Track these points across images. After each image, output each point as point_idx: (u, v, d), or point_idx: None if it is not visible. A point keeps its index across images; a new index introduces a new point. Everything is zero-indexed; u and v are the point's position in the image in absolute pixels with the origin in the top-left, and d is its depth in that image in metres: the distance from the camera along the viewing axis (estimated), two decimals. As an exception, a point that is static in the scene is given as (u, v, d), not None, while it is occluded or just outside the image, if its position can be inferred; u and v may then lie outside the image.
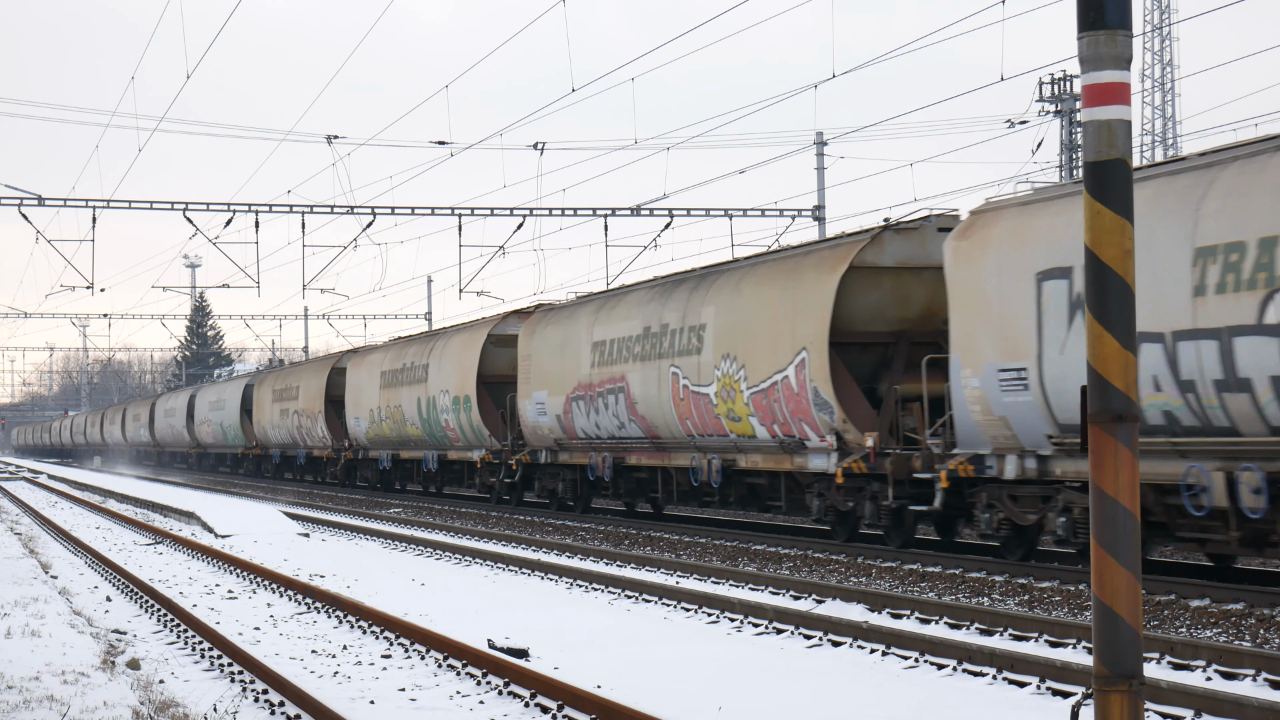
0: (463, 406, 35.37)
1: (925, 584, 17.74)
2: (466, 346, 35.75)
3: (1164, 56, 63.51)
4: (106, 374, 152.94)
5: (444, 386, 36.57)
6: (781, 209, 41.12)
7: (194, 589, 19.00)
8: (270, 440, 57.25)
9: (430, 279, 68.91)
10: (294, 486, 52.55)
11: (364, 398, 43.50)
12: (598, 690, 10.51)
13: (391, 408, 40.77)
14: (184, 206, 39.28)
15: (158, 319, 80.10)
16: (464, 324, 38.29)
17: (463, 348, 36.01)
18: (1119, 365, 6.32)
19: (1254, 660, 11.29)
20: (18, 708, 10.47)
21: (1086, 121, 6.46)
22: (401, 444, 40.99)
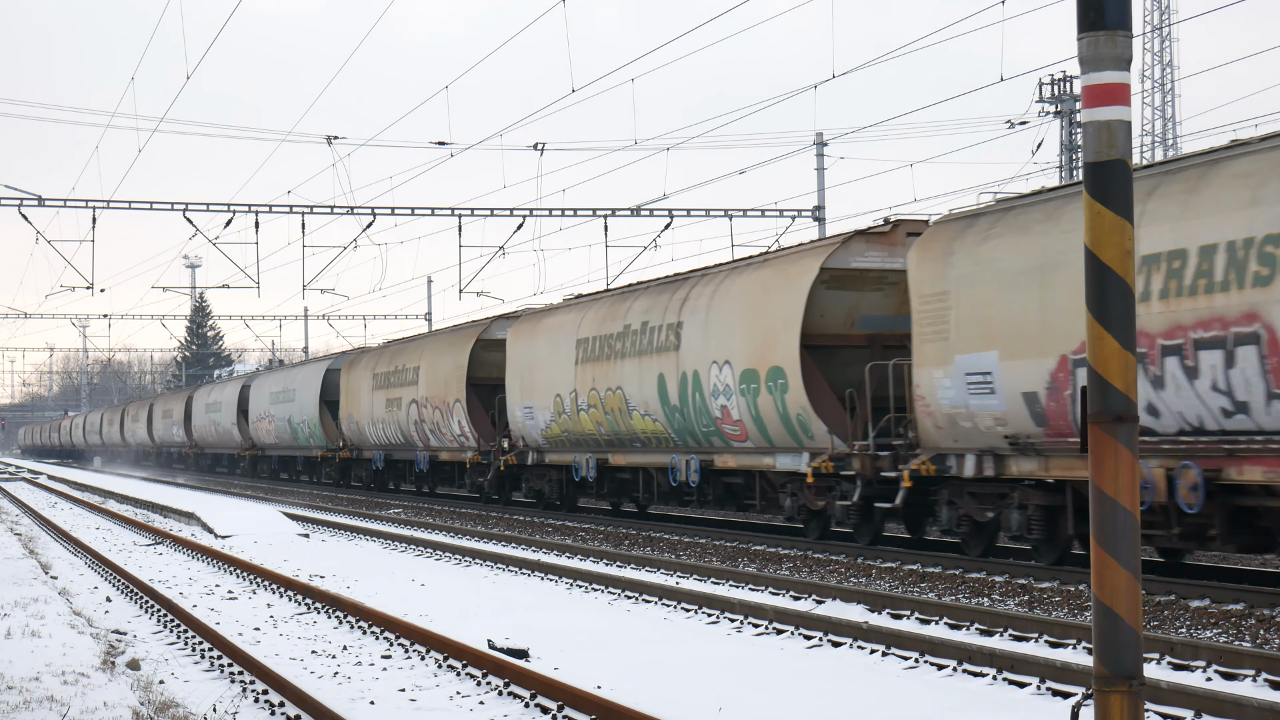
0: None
1: (925, 584, 17.74)
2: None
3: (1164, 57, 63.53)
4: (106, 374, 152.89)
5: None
6: (781, 209, 41.14)
7: (194, 589, 19.00)
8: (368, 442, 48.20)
9: (430, 279, 68.96)
10: (292, 487, 52.55)
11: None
12: (598, 691, 10.52)
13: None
14: (184, 207, 39.28)
15: (158, 319, 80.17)
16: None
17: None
18: (1119, 365, 6.32)
19: (1254, 660, 11.29)
20: (18, 708, 10.47)
21: (1086, 122, 6.46)
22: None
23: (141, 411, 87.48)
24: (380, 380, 42.91)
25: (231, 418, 61.24)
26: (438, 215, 40.16)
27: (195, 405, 69.90)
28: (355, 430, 44.78)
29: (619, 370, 27.00)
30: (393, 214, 39.70)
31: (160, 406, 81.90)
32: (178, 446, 76.86)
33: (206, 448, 69.34)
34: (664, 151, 38.50)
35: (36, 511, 37.93)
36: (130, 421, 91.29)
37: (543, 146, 38.21)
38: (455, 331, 38.63)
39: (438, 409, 37.38)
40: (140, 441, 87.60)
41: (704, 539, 24.59)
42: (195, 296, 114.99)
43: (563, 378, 29.22)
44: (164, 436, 79.30)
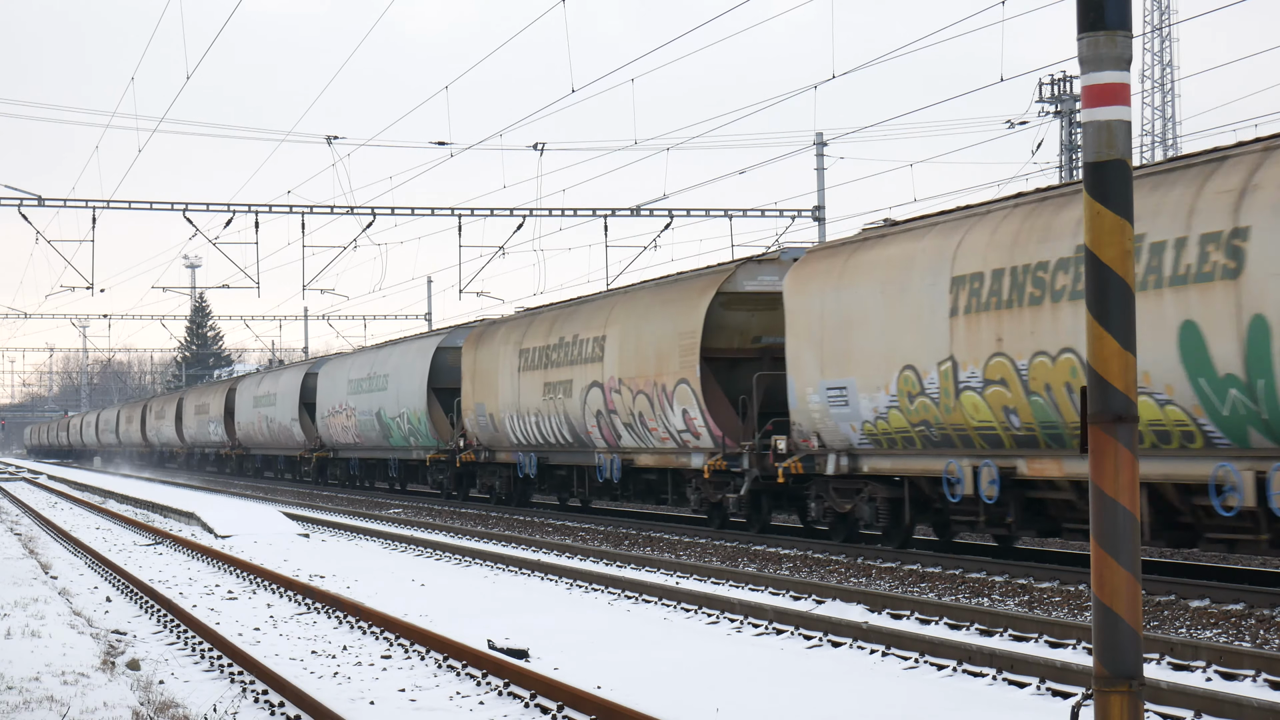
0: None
1: (925, 584, 17.74)
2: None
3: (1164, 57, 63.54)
4: (106, 374, 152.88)
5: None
6: (781, 209, 41.14)
7: (194, 589, 19.00)
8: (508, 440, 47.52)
9: (430, 279, 68.95)
10: (293, 487, 52.56)
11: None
12: (598, 691, 10.52)
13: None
14: (184, 207, 39.28)
15: (157, 319, 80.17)
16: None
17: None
18: (1119, 366, 6.32)
19: (1254, 661, 11.29)
20: (18, 708, 10.47)
21: (1086, 122, 6.46)
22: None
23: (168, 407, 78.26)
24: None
25: (292, 411, 51.92)
26: (438, 215, 40.17)
27: (239, 398, 60.64)
28: (487, 425, 36.73)
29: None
30: (393, 214, 39.71)
31: (192, 400, 72.12)
32: (216, 447, 67.12)
33: (254, 449, 60.03)
34: (664, 151, 38.53)
35: (36, 511, 37.93)
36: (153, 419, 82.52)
37: (543, 146, 38.22)
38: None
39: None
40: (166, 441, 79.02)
41: (704, 539, 24.61)
42: (195, 296, 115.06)
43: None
44: (197, 435, 70.66)
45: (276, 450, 55.80)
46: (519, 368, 31.73)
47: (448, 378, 37.81)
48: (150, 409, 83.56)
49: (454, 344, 37.98)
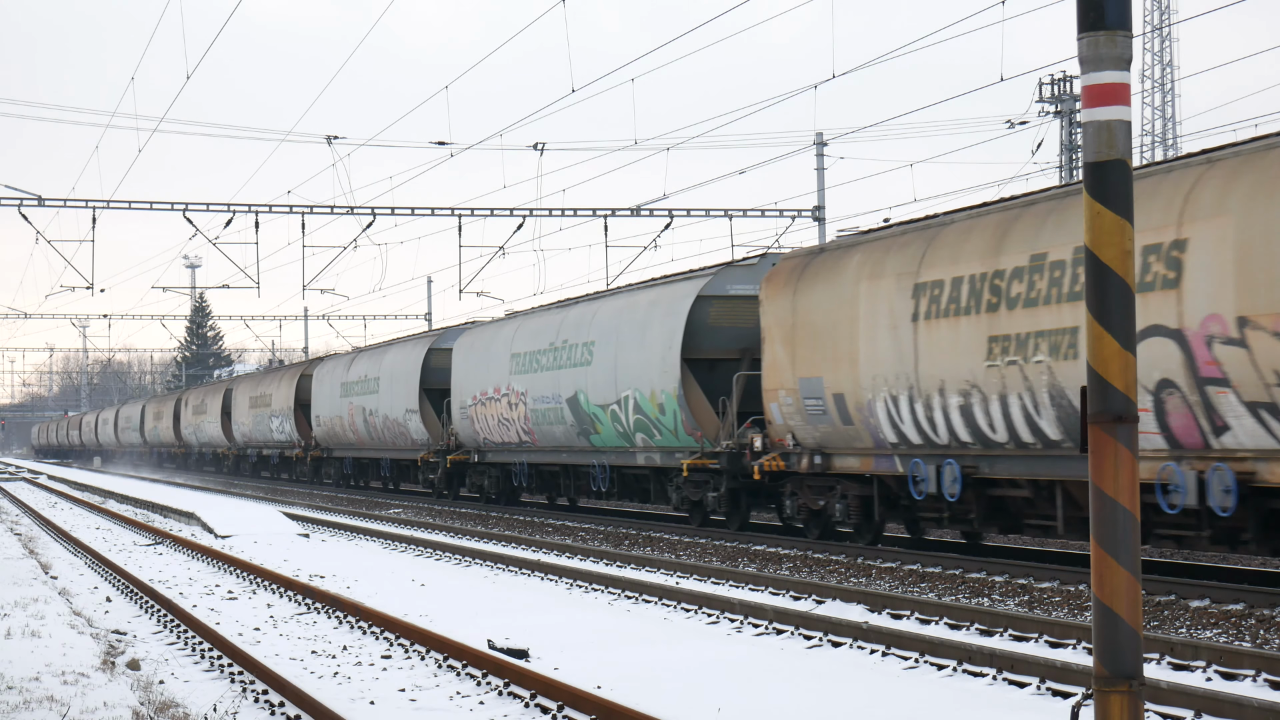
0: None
1: (925, 584, 17.74)
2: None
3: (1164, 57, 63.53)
4: (106, 374, 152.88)
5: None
6: (781, 209, 41.12)
7: (194, 589, 19.00)
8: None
9: (430, 279, 68.94)
10: (293, 487, 52.55)
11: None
12: (598, 691, 10.52)
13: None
14: (184, 207, 39.27)
15: (157, 319, 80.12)
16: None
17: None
18: (1119, 366, 6.32)
19: (1254, 661, 11.29)
20: (18, 708, 10.47)
21: (1086, 122, 6.46)
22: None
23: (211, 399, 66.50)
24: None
25: (408, 400, 39.97)
26: (438, 215, 40.16)
27: (318, 387, 49.13)
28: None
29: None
30: (393, 214, 39.69)
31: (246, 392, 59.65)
32: (279, 447, 54.63)
33: (337, 450, 48.50)
34: (664, 151, 38.52)
35: (36, 511, 37.93)
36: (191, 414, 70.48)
37: (543, 146, 38.21)
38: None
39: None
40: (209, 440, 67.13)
41: (704, 539, 24.61)
42: (195, 296, 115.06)
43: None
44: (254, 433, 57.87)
45: (377, 452, 44.11)
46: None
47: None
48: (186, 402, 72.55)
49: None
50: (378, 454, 43.88)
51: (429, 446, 37.91)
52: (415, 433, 39.23)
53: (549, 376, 30.05)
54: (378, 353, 43.56)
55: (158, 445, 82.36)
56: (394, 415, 40.58)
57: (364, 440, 44.35)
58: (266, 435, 55.90)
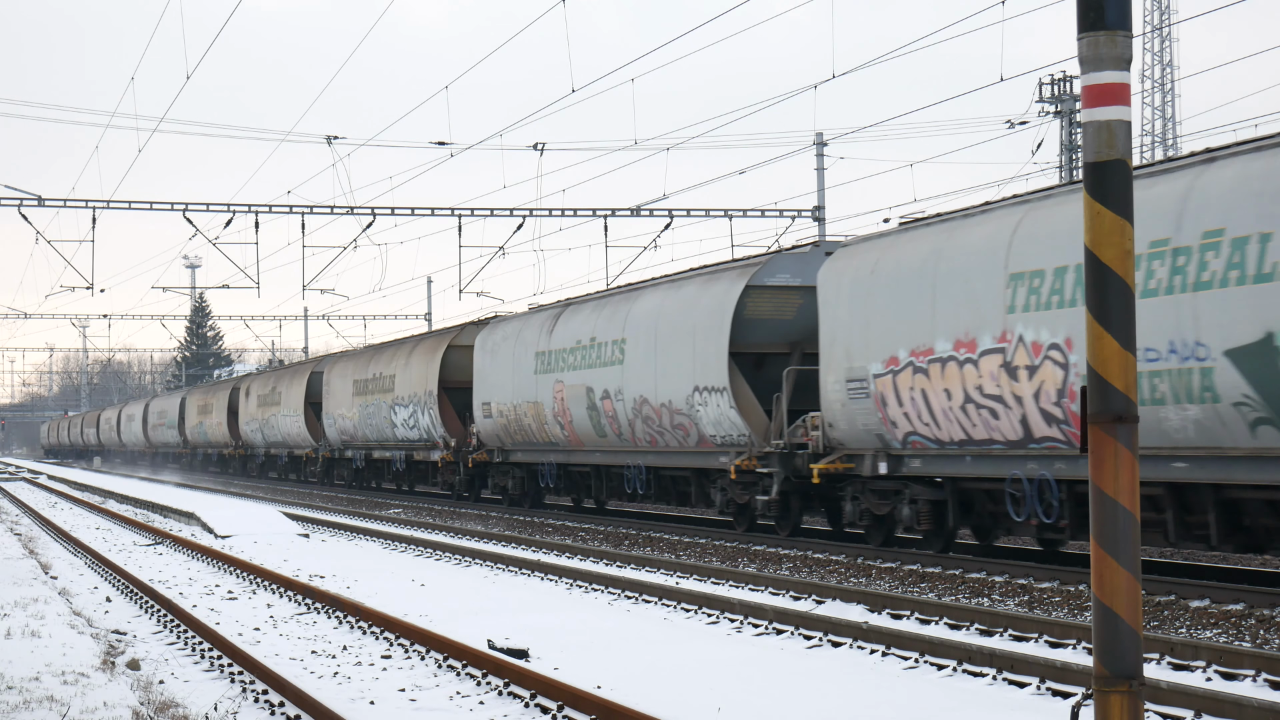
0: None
1: (925, 584, 17.74)
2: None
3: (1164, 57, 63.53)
4: (106, 374, 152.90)
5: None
6: (781, 209, 41.13)
7: (194, 589, 19.00)
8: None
9: (430, 279, 68.94)
10: (293, 486, 52.55)
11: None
12: (598, 691, 10.52)
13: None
14: (184, 207, 39.28)
15: (157, 319, 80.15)
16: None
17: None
18: (1119, 365, 6.32)
19: (1254, 661, 11.29)
20: (18, 708, 10.47)
21: (1086, 122, 6.45)
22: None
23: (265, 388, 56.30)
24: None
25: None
26: (438, 215, 40.16)
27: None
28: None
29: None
30: (393, 214, 39.70)
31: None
32: (376, 447, 43.44)
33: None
34: (664, 151, 38.53)
35: (36, 511, 37.93)
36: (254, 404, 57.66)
37: (543, 146, 38.21)
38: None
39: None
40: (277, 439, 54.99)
41: (704, 539, 24.60)
42: (195, 296, 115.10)
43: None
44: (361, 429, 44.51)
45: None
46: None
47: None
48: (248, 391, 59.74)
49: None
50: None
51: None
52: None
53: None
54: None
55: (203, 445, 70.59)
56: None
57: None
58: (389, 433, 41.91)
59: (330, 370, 47.55)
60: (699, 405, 24.58)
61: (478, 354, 34.26)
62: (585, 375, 28.65)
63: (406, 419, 39.15)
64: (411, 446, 39.53)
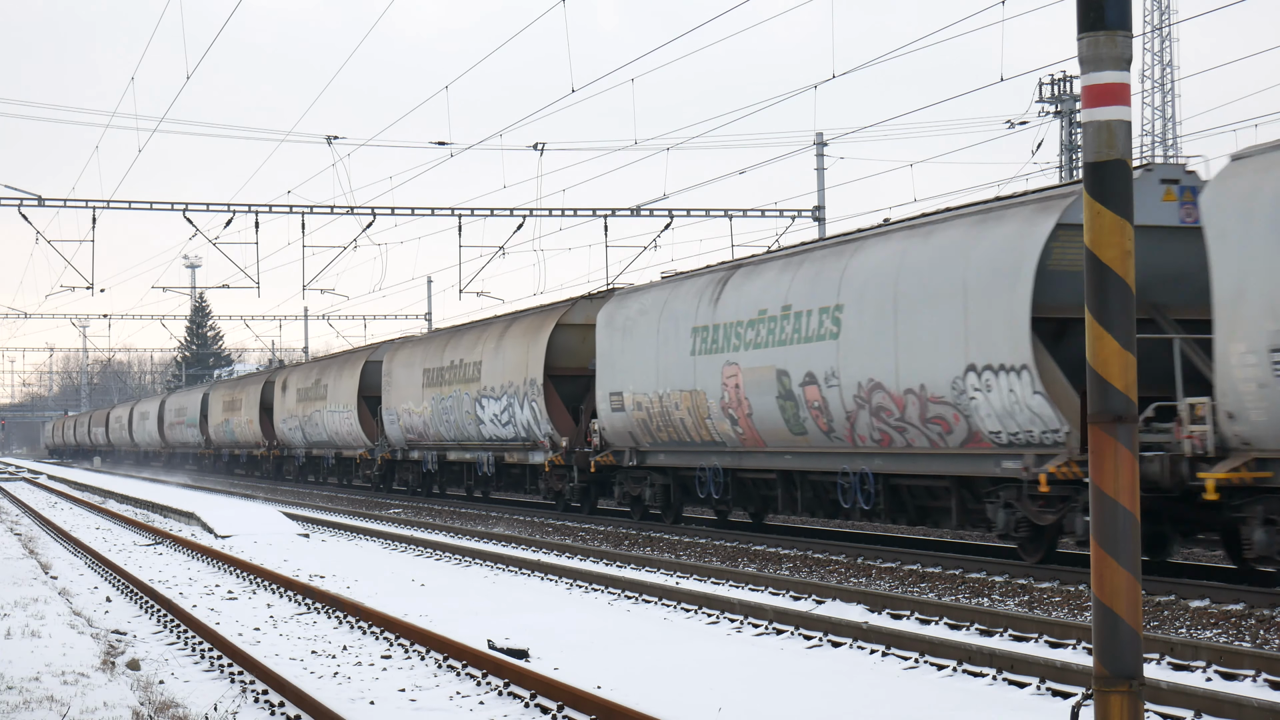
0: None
1: (925, 584, 17.74)
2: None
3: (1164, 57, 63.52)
4: (106, 374, 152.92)
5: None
6: (781, 209, 41.15)
7: (194, 589, 19.00)
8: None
9: (430, 279, 68.93)
10: (292, 487, 52.48)
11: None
12: (598, 691, 10.52)
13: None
14: (184, 207, 39.28)
15: (157, 319, 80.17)
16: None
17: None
18: (1119, 366, 6.32)
19: (1254, 661, 11.29)
20: (18, 708, 10.47)
21: (1086, 122, 6.45)
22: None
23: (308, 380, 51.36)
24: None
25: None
26: (438, 215, 40.17)
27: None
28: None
29: None
30: (393, 214, 39.71)
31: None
32: (453, 448, 37.76)
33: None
34: (664, 151, 38.53)
35: (36, 511, 37.93)
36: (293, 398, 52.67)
37: (543, 146, 38.22)
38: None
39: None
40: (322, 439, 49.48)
41: (704, 539, 24.60)
42: (195, 296, 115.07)
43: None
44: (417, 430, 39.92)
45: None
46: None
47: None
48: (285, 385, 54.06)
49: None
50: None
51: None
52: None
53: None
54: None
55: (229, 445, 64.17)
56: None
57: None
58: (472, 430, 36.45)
59: (392, 358, 41.28)
60: (975, 391, 18.59)
61: (602, 333, 28.52)
62: (774, 355, 22.68)
63: (497, 414, 33.45)
64: (503, 447, 33.65)
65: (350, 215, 39.87)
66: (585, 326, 30.56)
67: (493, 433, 33.93)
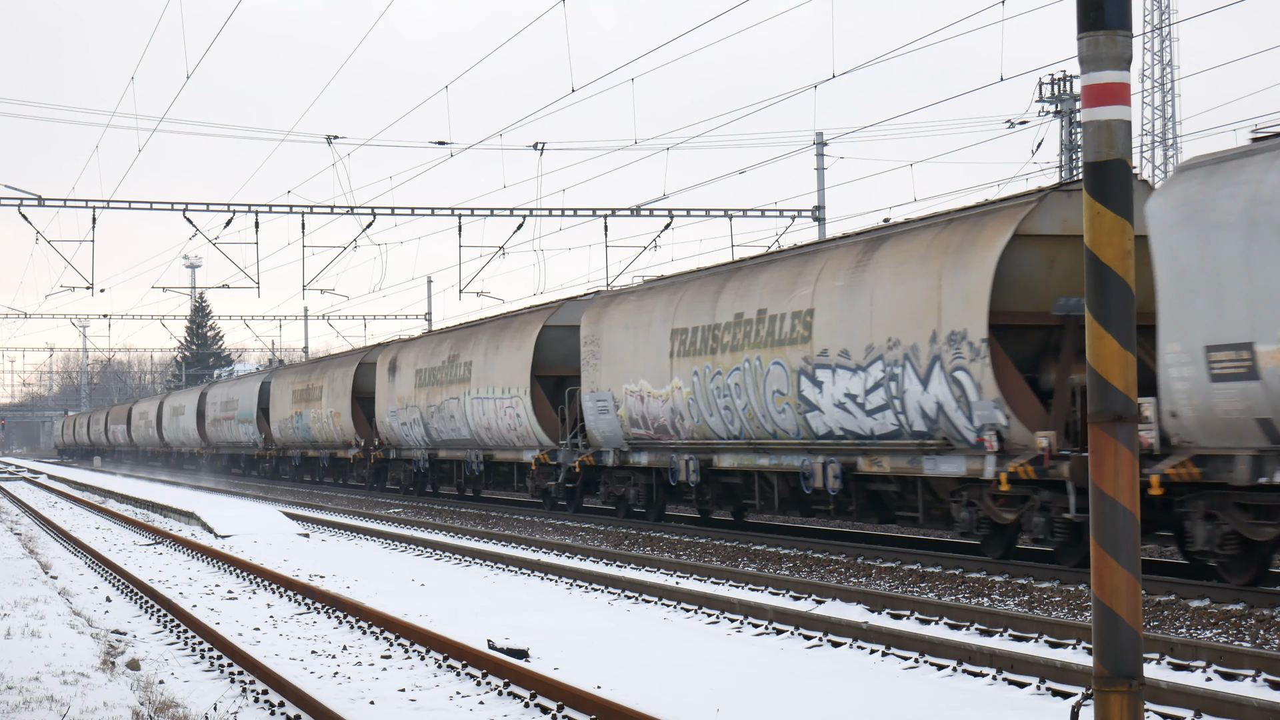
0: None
1: (925, 584, 17.74)
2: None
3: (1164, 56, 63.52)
4: (106, 374, 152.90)
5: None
6: (781, 209, 41.15)
7: (194, 589, 19.00)
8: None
9: (430, 279, 68.94)
10: (297, 487, 52.46)
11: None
12: (597, 691, 10.51)
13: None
14: (184, 207, 39.28)
15: (157, 319, 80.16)
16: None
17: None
18: (1119, 365, 6.32)
19: (1254, 660, 11.29)
20: (18, 708, 10.47)
21: (1086, 122, 6.45)
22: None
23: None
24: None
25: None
26: (438, 215, 40.17)
27: None
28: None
29: None
30: (393, 214, 39.71)
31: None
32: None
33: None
34: (664, 151, 38.53)
35: (36, 511, 37.93)
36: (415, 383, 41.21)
37: (543, 146, 38.22)
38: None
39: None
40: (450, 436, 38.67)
41: (704, 539, 24.60)
42: (195, 296, 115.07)
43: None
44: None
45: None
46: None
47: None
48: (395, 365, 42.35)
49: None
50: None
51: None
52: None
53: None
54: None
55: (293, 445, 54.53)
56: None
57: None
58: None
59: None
60: None
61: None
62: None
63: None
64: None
65: (350, 215, 39.89)
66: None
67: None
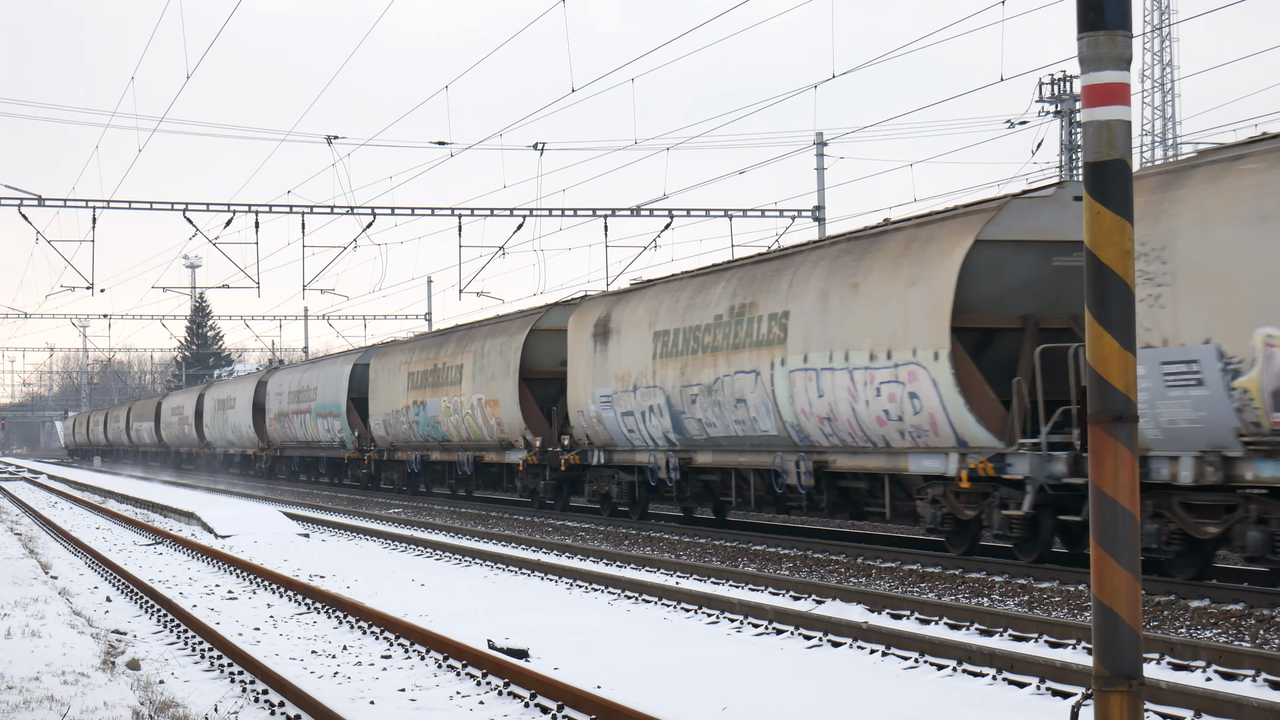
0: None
1: (925, 584, 17.74)
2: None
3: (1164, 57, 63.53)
4: (106, 374, 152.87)
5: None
6: (781, 209, 41.16)
7: (194, 589, 19.00)
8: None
9: (430, 279, 68.95)
10: (290, 486, 52.47)
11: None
12: (598, 691, 10.52)
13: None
14: (184, 207, 39.29)
15: (158, 319, 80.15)
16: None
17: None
18: (1119, 365, 6.32)
19: (1254, 660, 11.29)
20: (18, 708, 10.47)
21: (1086, 122, 6.45)
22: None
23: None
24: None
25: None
26: (438, 215, 40.18)
27: None
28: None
29: None
30: (393, 214, 39.72)
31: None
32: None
33: None
34: (664, 151, 38.54)
35: (36, 511, 37.93)
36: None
37: (543, 146, 38.22)
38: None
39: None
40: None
41: (704, 539, 24.59)
42: (195, 296, 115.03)
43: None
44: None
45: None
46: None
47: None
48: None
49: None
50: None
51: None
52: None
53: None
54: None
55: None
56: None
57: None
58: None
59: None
60: None
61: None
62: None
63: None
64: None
65: (350, 215, 39.90)
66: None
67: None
